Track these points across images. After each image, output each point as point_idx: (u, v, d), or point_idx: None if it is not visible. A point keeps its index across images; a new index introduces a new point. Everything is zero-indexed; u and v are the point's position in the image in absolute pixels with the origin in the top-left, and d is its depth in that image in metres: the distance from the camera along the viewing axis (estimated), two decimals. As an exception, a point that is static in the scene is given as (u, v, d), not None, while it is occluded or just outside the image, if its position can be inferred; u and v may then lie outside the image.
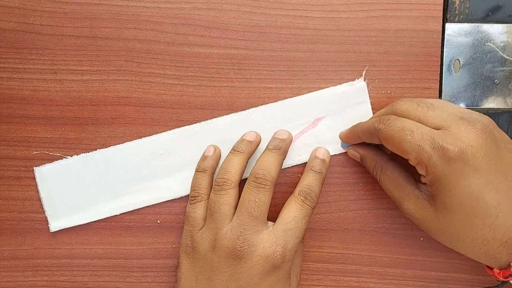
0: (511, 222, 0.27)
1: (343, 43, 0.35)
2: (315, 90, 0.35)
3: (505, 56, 0.35)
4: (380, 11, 0.35)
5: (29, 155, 0.36)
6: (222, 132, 0.35)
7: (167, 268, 0.36)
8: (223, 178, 0.32)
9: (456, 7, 0.35)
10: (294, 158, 0.35)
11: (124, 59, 0.35)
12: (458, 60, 0.35)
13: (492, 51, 0.35)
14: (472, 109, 0.35)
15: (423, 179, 0.29)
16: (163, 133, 0.35)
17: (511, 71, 0.35)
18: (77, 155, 0.35)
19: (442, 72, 0.35)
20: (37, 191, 0.36)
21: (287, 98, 0.35)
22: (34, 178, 0.36)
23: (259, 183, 0.31)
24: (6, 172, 0.36)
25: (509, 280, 0.29)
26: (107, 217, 0.36)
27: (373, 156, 0.33)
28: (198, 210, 0.33)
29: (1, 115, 0.36)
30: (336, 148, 0.35)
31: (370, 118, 0.34)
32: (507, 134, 0.35)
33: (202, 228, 0.32)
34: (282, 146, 0.33)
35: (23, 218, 0.36)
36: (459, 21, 0.35)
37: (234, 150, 0.34)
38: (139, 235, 0.36)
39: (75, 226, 0.36)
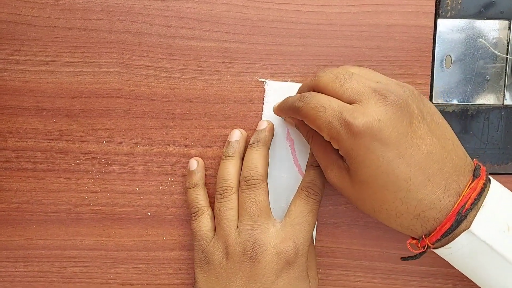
0: (422, 195, 0.27)
1: (335, 37, 0.35)
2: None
3: (496, 52, 0.35)
4: (372, 6, 0.35)
5: (21, 146, 0.36)
6: None
7: (157, 260, 0.36)
8: (222, 187, 0.33)
9: (448, 2, 0.35)
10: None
11: (116, 52, 0.35)
12: (450, 56, 0.35)
13: (484, 47, 0.35)
14: (463, 105, 0.36)
15: (340, 153, 0.29)
16: None
17: (503, 68, 0.35)
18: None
19: (434, 67, 0.35)
20: (28, 182, 0.36)
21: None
22: (25, 169, 0.36)
23: (250, 184, 0.32)
24: (-3, 163, 0.36)
25: (426, 250, 0.29)
26: (98, 209, 0.36)
27: (304, 125, 0.33)
28: (202, 224, 0.33)
29: (-7, 106, 0.36)
30: None
31: (296, 93, 0.34)
32: (497, 131, 0.36)
33: (212, 239, 0.33)
34: (261, 138, 0.34)
35: (14, 209, 0.36)
36: (451, 17, 0.35)
37: (225, 156, 0.34)
38: (130, 227, 0.36)
39: (66, 217, 0.36)
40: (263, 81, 0.35)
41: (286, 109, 0.33)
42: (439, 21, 0.35)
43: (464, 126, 0.36)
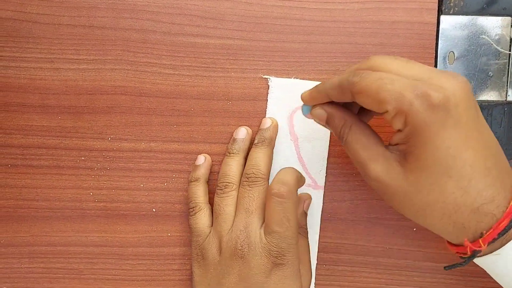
0: (483, 185, 0.25)
1: (339, 34, 0.35)
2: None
3: (499, 49, 0.35)
4: (375, 3, 0.35)
5: (26, 143, 0.36)
6: None
7: (162, 256, 0.37)
8: (223, 182, 0.33)
9: (451, -1, 0.35)
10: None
11: (120, 49, 0.35)
12: (453, 52, 0.36)
13: (487, 44, 0.35)
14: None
15: (396, 137, 0.27)
16: None
17: (505, 64, 0.35)
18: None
19: (437, 64, 0.36)
20: (33, 179, 0.36)
21: (282, 88, 0.36)
22: (30, 166, 0.36)
23: (251, 182, 0.32)
24: (3, 160, 0.36)
25: (475, 255, 0.27)
26: (103, 205, 0.36)
27: (342, 114, 0.29)
28: (199, 221, 0.33)
29: (-2, 103, 0.36)
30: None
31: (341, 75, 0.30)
32: (500, 127, 0.36)
33: (208, 235, 0.33)
34: (266, 137, 0.34)
35: (19, 206, 0.36)
36: (454, 14, 0.35)
37: (229, 152, 0.35)
38: (135, 223, 0.36)
39: (71, 214, 0.36)
40: (267, 78, 0.36)
41: (329, 89, 0.29)
42: (442, 17, 0.35)
43: (467, 122, 0.36)
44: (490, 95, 0.36)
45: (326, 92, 0.29)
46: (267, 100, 0.36)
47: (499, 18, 0.35)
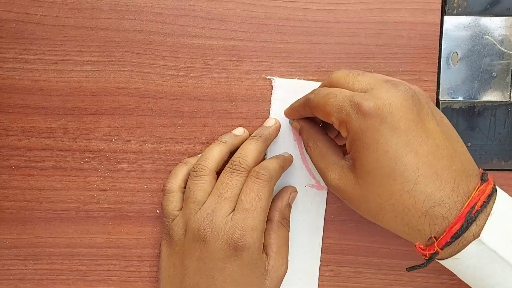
0: (431, 189, 0.26)
1: (342, 35, 0.35)
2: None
3: (503, 49, 0.35)
4: (379, 4, 0.35)
5: (30, 144, 0.36)
6: None
7: (166, 258, 0.37)
8: (199, 165, 0.33)
9: (454, 0, 0.35)
10: None
11: (124, 50, 0.35)
12: (457, 53, 0.36)
13: (490, 44, 0.35)
14: (469, 102, 0.36)
15: (347, 144, 0.29)
16: None
17: (509, 64, 0.35)
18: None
19: (441, 64, 0.36)
20: (37, 181, 0.36)
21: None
22: (34, 168, 0.36)
23: (234, 169, 0.32)
24: (6, 162, 0.36)
25: (433, 258, 0.28)
26: (107, 207, 0.36)
27: (309, 127, 0.33)
28: (170, 203, 0.33)
29: (2, 105, 0.36)
30: None
31: None
32: (504, 127, 0.36)
33: (176, 217, 0.33)
34: (264, 133, 0.34)
35: (23, 207, 0.36)
36: (457, 14, 0.35)
37: (217, 140, 0.35)
38: (139, 224, 0.36)
39: (75, 215, 0.36)
40: (270, 79, 0.36)
41: (297, 107, 0.33)
42: (446, 18, 0.35)
43: (471, 122, 0.36)
44: (493, 96, 0.36)
45: (296, 109, 0.33)
46: (270, 100, 0.36)
47: (503, 18, 0.35)
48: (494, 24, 0.35)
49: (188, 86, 0.36)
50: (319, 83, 0.35)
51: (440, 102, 0.36)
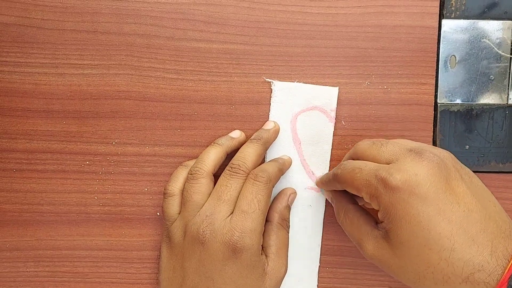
0: (469, 255, 0.26)
1: (341, 38, 0.35)
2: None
3: (500, 52, 0.36)
4: (377, 7, 0.35)
5: (31, 148, 0.36)
6: None
7: (166, 260, 0.37)
8: (196, 167, 0.33)
9: (452, 3, 0.36)
10: None
11: (124, 54, 0.36)
12: (454, 56, 0.36)
13: (488, 48, 0.36)
14: (467, 104, 0.36)
15: (379, 215, 0.29)
16: None
17: (506, 67, 0.36)
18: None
19: (438, 68, 0.36)
20: (39, 184, 0.36)
21: (285, 92, 0.36)
22: (35, 171, 0.36)
23: (233, 172, 0.32)
24: (8, 165, 0.36)
25: None
26: (108, 209, 0.37)
27: (339, 198, 0.33)
28: (170, 206, 0.34)
29: (3, 108, 0.36)
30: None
31: None
32: (502, 130, 0.36)
33: (175, 220, 0.33)
34: (263, 136, 0.34)
35: (25, 210, 0.37)
36: (455, 18, 0.36)
37: (214, 142, 0.35)
38: (139, 227, 0.37)
39: (76, 218, 0.37)
40: (270, 82, 0.36)
41: (326, 180, 0.34)
42: (444, 21, 0.36)
43: (469, 125, 0.36)
44: (491, 99, 0.36)
45: (326, 183, 0.34)
46: (270, 103, 0.36)
47: (500, 21, 0.35)
48: (492, 27, 0.35)
49: (188, 89, 0.36)
50: (318, 86, 0.36)
51: (438, 105, 0.36)
